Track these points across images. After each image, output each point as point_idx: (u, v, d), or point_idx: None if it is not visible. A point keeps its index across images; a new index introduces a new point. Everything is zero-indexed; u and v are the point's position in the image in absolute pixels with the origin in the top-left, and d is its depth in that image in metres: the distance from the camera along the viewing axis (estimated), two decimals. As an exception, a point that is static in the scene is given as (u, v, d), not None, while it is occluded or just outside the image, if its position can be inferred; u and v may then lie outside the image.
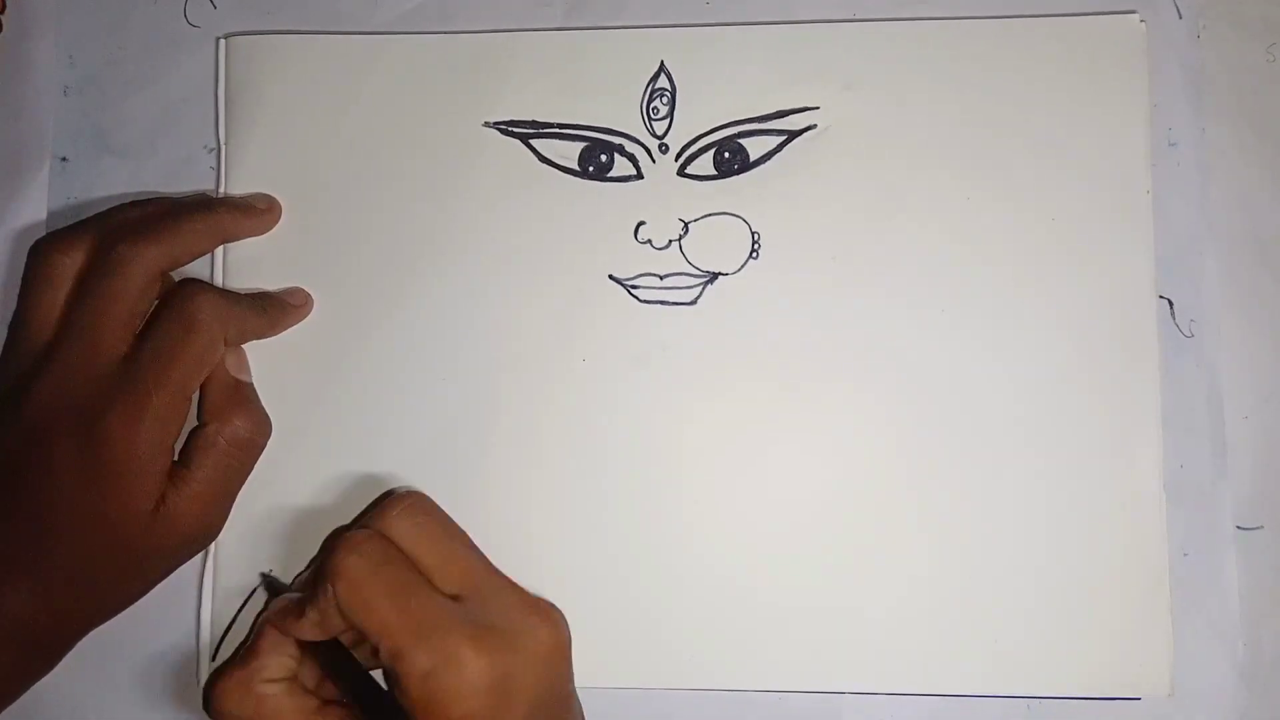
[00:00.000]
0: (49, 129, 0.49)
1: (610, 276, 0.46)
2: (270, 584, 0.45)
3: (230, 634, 0.45)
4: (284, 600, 0.41)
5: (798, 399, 0.46)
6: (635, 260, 0.46)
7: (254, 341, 0.46)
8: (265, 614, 0.42)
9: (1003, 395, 0.45)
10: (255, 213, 0.46)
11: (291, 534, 0.46)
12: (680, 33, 0.47)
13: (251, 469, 0.45)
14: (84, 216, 0.47)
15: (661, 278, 0.46)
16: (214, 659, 0.45)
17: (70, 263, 0.42)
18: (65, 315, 0.42)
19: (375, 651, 0.38)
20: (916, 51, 0.47)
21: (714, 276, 0.46)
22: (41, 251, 0.43)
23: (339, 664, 0.40)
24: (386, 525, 0.40)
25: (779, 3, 0.48)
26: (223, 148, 0.48)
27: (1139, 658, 0.44)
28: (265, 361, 0.46)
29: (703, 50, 0.47)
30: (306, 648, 0.41)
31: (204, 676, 0.45)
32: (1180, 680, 0.44)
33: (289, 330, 0.46)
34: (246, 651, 0.41)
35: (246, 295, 0.45)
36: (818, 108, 0.47)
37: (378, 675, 0.41)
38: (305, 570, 0.45)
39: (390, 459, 0.46)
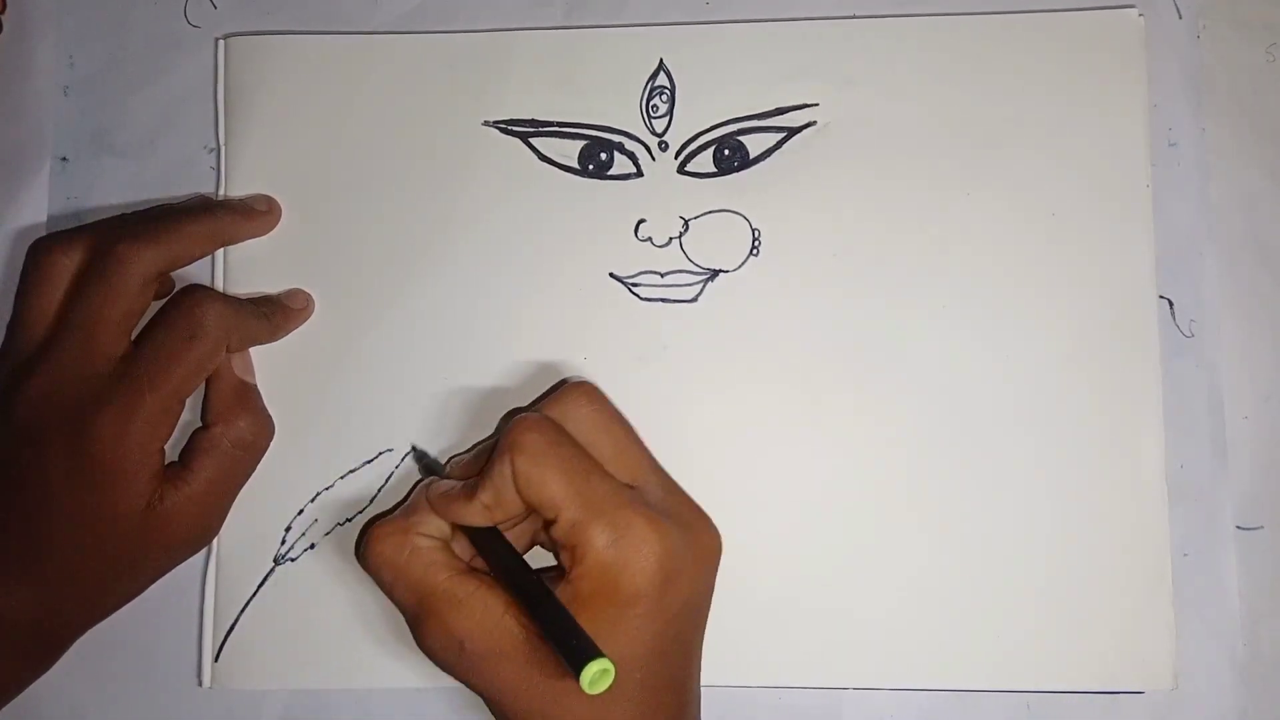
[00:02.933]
0: (49, 129, 0.49)
1: (611, 274, 0.46)
2: (422, 458, 0.45)
3: (234, 632, 0.45)
4: (447, 485, 0.41)
5: (799, 396, 0.46)
6: (636, 258, 0.47)
7: (257, 350, 0.46)
8: (426, 493, 0.41)
9: (1003, 391, 0.45)
10: (255, 215, 0.46)
11: (295, 527, 0.46)
12: (679, 30, 0.47)
13: (253, 471, 0.45)
14: (84, 216, 0.47)
15: (662, 275, 0.46)
16: (217, 659, 0.45)
17: (69, 262, 0.42)
18: (61, 314, 0.42)
19: (547, 526, 0.39)
20: (915, 48, 0.47)
21: (714, 274, 0.46)
22: (40, 250, 0.43)
23: (492, 546, 0.40)
24: (566, 408, 0.41)
25: (778, 0, 0.48)
26: (222, 148, 0.48)
27: (1142, 651, 0.44)
28: (267, 360, 0.46)
29: (702, 48, 0.47)
30: (459, 528, 0.41)
31: (206, 677, 0.45)
32: (1180, 679, 0.44)
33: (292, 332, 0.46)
34: (406, 509, 0.41)
35: (250, 301, 0.45)
36: (817, 104, 0.47)
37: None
38: (466, 453, 0.45)
39: (392, 457, 0.46)
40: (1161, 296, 0.46)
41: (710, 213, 0.46)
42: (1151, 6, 0.47)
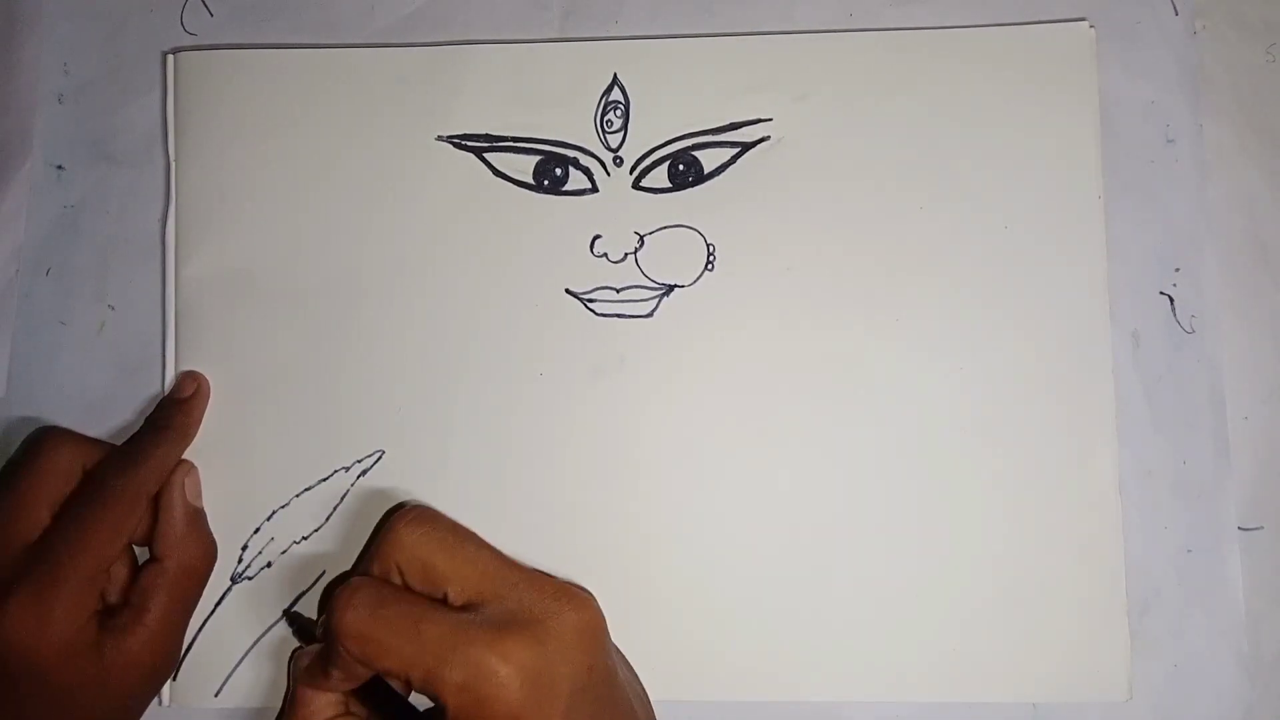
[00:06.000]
0: (34, 130, 0.48)
1: (567, 290, 0.46)
2: (294, 620, 0.45)
3: (192, 651, 0.45)
4: (309, 657, 0.41)
5: (755, 410, 0.46)
6: (591, 273, 0.46)
7: (211, 369, 0.46)
8: (292, 670, 0.42)
9: (959, 404, 0.45)
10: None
11: (251, 546, 0.46)
12: (633, 45, 0.47)
13: (200, 595, 0.45)
14: (81, 226, 0.47)
15: (618, 290, 0.46)
16: (175, 678, 0.45)
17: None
18: None
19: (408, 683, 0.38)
20: (868, 63, 0.47)
21: (670, 289, 0.46)
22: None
23: (379, 696, 0.41)
24: (395, 541, 0.40)
25: (731, 14, 0.48)
26: (172, 164, 0.47)
27: (1097, 663, 0.44)
28: (225, 381, 0.46)
29: (655, 62, 0.47)
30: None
31: (165, 696, 0.45)
32: (1183, 676, 0.45)
33: (246, 350, 0.46)
34: (290, 702, 0.42)
35: (146, 427, 0.45)
36: (771, 119, 0.47)
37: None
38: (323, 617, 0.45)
39: (347, 475, 0.46)
40: (1161, 293, 0.46)
41: (665, 228, 0.46)
42: (1147, 2, 0.47)
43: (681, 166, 0.47)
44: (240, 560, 0.46)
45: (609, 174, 0.47)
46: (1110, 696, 0.44)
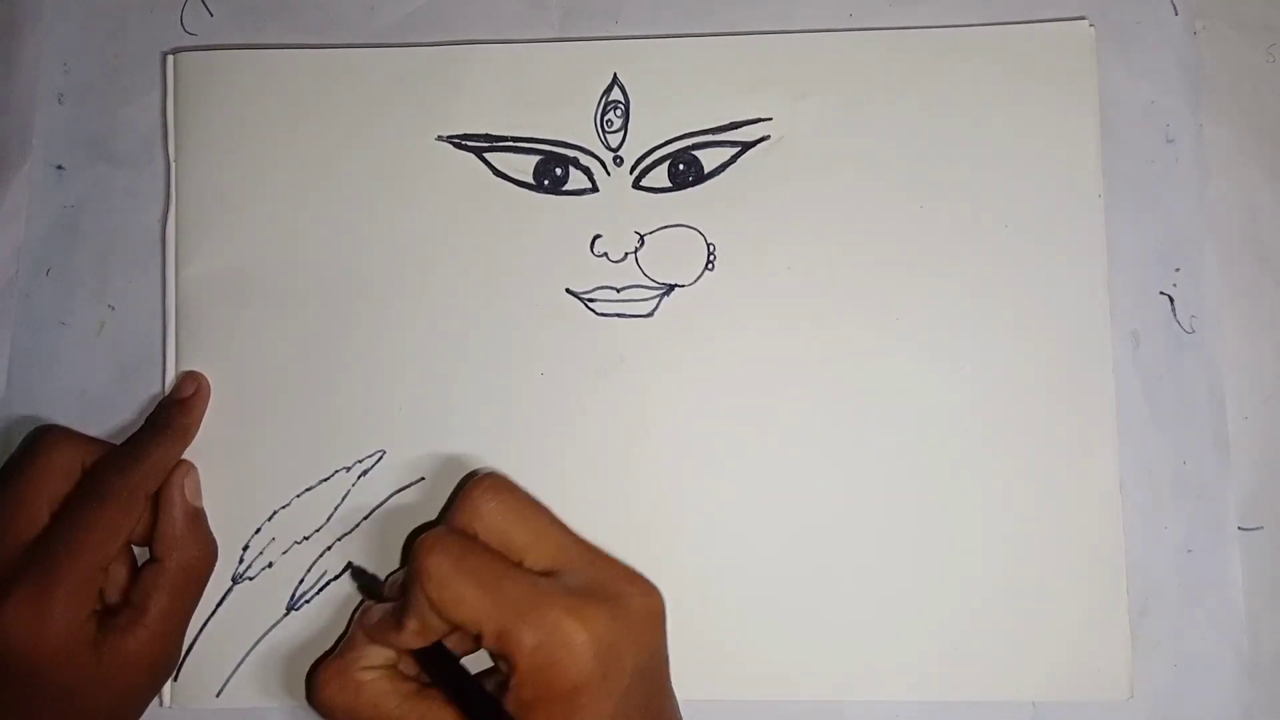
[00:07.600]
0: (33, 129, 0.48)
1: (567, 290, 0.46)
2: (359, 575, 0.45)
3: (193, 652, 0.45)
4: (380, 613, 0.41)
5: (755, 409, 0.46)
6: (592, 273, 0.46)
7: (211, 369, 0.46)
8: (361, 622, 0.42)
9: (959, 403, 0.46)
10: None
11: (253, 546, 0.46)
12: (633, 45, 0.47)
13: (200, 595, 0.44)
14: (81, 226, 0.47)
15: (618, 290, 0.46)
16: (176, 679, 0.45)
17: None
18: None
19: (477, 639, 0.38)
20: (867, 61, 0.47)
21: (670, 288, 0.46)
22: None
23: (435, 658, 0.41)
24: (472, 509, 0.40)
25: (731, 14, 0.48)
26: (172, 164, 0.47)
27: (1098, 662, 0.44)
28: (225, 381, 0.46)
29: (655, 62, 0.47)
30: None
31: (166, 697, 0.45)
32: (1183, 676, 0.45)
33: (246, 350, 0.46)
34: (345, 645, 0.42)
35: (145, 428, 0.45)
36: (770, 119, 0.47)
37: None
38: (397, 571, 0.45)
39: (348, 475, 0.46)
40: (1161, 293, 0.46)
41: (665, 227, 0.46)
42: (1147, 2, 0.48)
43: (682, 166, 0.47)
44: (241, 560, 0.46)
45: (609, 174, 0.47)
46: (1110, 696, 0.44)
